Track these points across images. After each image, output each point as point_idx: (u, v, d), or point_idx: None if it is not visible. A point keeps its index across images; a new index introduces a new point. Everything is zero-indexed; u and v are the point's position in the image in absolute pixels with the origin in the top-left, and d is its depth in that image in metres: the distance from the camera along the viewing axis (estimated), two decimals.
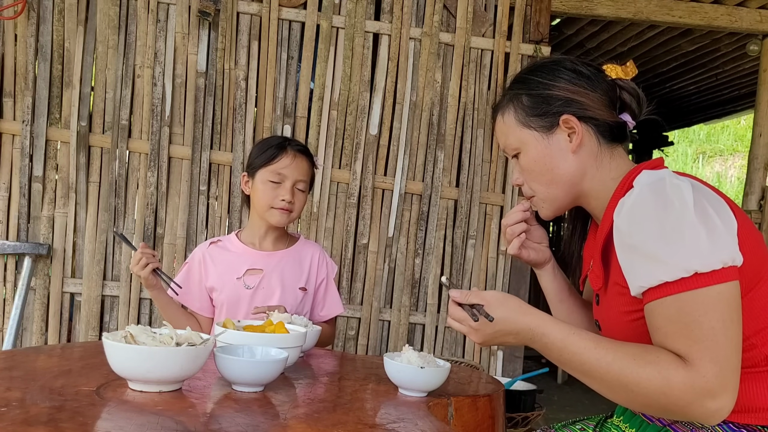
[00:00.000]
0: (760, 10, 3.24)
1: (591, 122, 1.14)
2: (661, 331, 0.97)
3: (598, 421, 1.29)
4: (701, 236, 0.94)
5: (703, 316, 0.93)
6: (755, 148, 3.38)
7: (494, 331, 1.07)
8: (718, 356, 0.92)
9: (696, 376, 0.92)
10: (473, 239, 2.94)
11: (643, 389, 0.95)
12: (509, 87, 1.23)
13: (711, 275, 0.93)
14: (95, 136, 2.73)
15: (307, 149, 1.90)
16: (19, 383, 1.04)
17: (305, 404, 1.09)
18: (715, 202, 1.00)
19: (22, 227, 2.69)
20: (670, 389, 0.93)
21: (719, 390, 0.92)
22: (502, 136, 1.23)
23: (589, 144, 1.14)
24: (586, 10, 3.12)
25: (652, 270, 0.96)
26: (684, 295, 0.94)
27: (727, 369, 0.92)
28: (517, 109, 1.18)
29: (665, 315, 0.96)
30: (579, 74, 1.15)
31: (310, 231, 2.85)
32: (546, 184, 1.17)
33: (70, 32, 2.71)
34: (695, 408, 0.93)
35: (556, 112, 1.14)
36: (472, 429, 1.21)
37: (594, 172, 1.15)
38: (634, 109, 1.18)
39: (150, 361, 1.01)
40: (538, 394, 2.25)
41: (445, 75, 2.93)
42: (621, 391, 0.98)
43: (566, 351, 1.01)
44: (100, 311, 2.74)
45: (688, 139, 12.24)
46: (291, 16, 2.85)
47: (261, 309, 1.76)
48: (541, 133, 1.16)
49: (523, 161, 1.19)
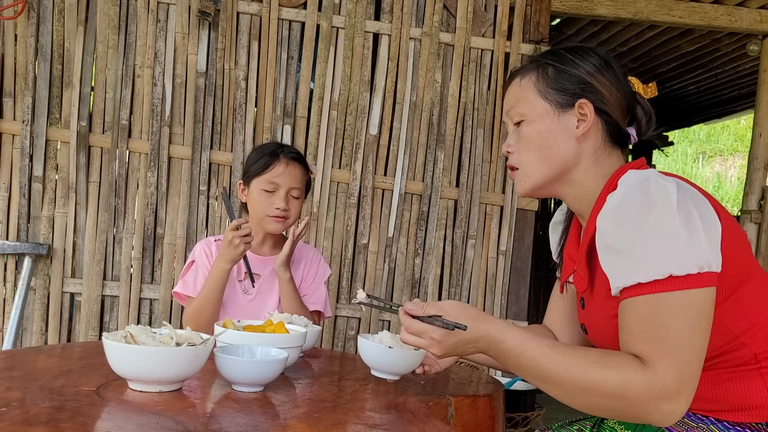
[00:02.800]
0: (760, 10, 3.24)
1: (603, 116, 1.14)
2: (629, 329, 0.98)
3: (595, 421, 1.29)
4: (681, 239, 0.94)
5: (671, 319, 0.93)
6: (755, 148, 3.38)
7: (456, 341, 1.05)
8: (679, 360, 0.93)
9: (654, 378, 0.93)
10: (473, 239, 2.94)
11: (603, 392, 0.95)
12: (540, 55, 1.21)
13: (685, 279, 0.94)
14: (95, 136, 2.73)
15: (301, 156, 1.90)
16: (19, 383, 1.04)
17: (305, 404, 1.09)
18: (700, 205, 0.99)
19: (22, 227, 2.69)
20: (628, 391, 0.94)
21: (674, 394, 0.93)
22: (513, 99, 1.20)
23: (594, 136, 1.14)
24: (586, 10, 3.12)
25: (628, 270, 0.97)
26: (656, 296, 0.95)
27: (685, 374, 0.93)
28: (540, 77, 1.16)
29: (635, 314, 0.97)
30: (610, 68, 1.15)
31: (310, 231, 2.85)
32: (540, 159, 1.15)
33: (70, 32, 2.71)
34: (650, 410, 0.94)
35: (577, 93, 1.13)
36: (472, 429, 1.21)
37: (588, 164, 1.14)
38: (641, 127, 1.18)
39: (150, 361, 1.01)
40: (538, 394, 2.25)
41: (445, 75, 2.93)
42: (579, 395, 0.98)
43: (523, 356, 1.01)
44: (100, 311, 2.74)
45: (688, 139, 12.24)
46: (291, 16, 2.85)
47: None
48: (554, 107, 1.14)
49: (526, 130, 1.17)
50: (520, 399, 2.15)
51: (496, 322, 1.05)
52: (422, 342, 1.07)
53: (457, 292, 2.95)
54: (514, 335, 1.03)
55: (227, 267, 1.72)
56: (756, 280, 1.06)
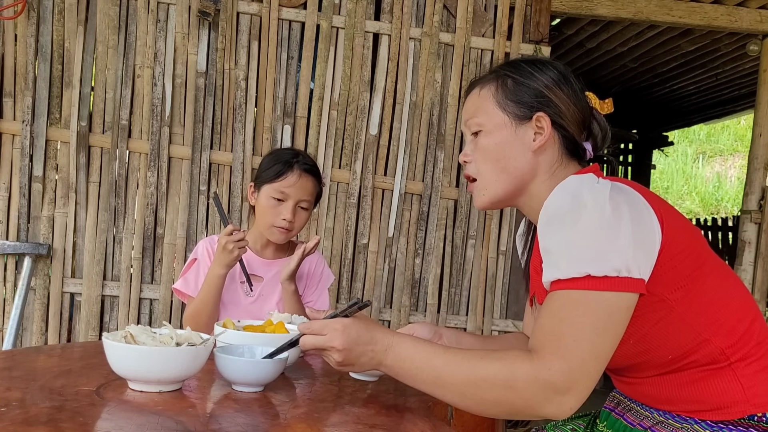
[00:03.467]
0: (760, 10, 3.24)
1: (560, 131, 1.15)
2: (539, 321, 0.98)
3: (588, 421, 1.29)
4: (603, 241, 0.94)
5: (579, 317, 0.93)
6: (755, 148, 3.38)
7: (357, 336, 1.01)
8: (572, 356, 0.92)
9: (540, 368, 0.92)
10: (473, 239, 2.94)
11: (490, 384, 0.95)
12: (499, 66, 1.23)
13: (602, 280, 0.93)
14: (95, 136, 2.73)
15: (315, 167, 1.87)
16: (19, 383, 1.04)
17: (305, 404, 1.09)
18: (636, 209, 0.99)
19: (22, 227, 2.69)
20: (515, 381, 0.93)
21: (563, 388, 0.92)
22: (472, 108, 1.22)
23: (550, 150, 1.15)
24: (586, 10, 3.12)
25: (552, 268, 0.98)
26: (570, 293, 0.95)
27: (576, 369, 0.92)
28: (499, 89, 1.17)
29: (547, 309, 0.97)
30: (568, 83, 1.16)
31: (310, 231, 2.85)
32: (497, 171, 1.16)
33: (70, 32, 2.71)
34: (539, 401, 0.93)
35: (534, 106, 1.14)
36: (472, 429, 1.21)
37: (544, 177, 1.15)
38: (597, 142, 1.19)
39: (150, 361, 1.01)
40: None
41: (445, 75, 2.93)
42: (470, 391, 0.97)
43: (417, 358, 1.00)
44: (100, 311, 2.74)
45: (688, 139, 12.25)
46: (291, 16, 2.85)
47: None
48: (512, 119, 1.15)
49: (483, 141, 1.18)
50: None
51: (389, 331, 1.05)
52: (322, 340, 1.02)
53: (457, 292, 2.95)
54: (408, 340, 1.03)
55: (222, 272, 1.72)
56: (713, 275, 1.05)
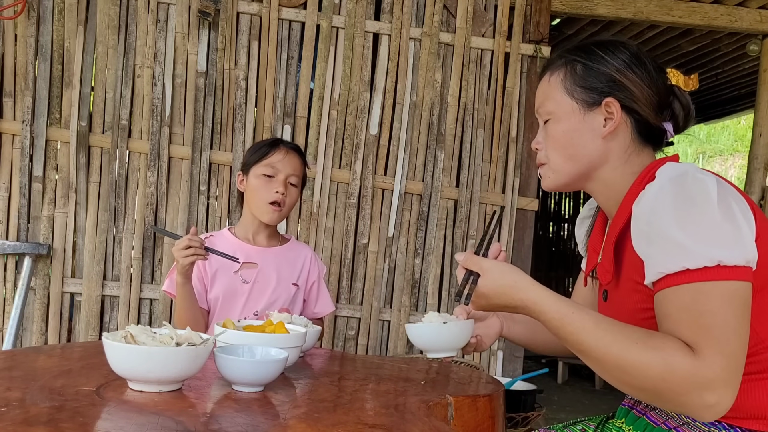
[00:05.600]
0: (760, 10, 3.24)
1: (633, 115, 1.10)
2: (672, 318, 0.94)
3: (599, 421, 1.28)
4: (726, 230, 0.92)
5: (719, 308, 0.90)
6: (755, 148, 3.38)
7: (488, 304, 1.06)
8: (728, 350, 0.89)
9: (702, 366, 0.89)
10: (473, 239, 2.94)
11: (642, 373, 0.92)
12: (569, 50, 1.17)
13: (733, 270, 0.91)
14: (95, 136, 2.73)
15: (299, 148, 1.96)
16: (19, 383, 1.03)
17: (305, 404, 1.09)
18: (739, 201, 0.97)
19: (22, 227, 2.69)
20: (671, 375, 0.90)
21: (721, 385, 0.89)
22: (542, 96, 1.18)
23: (622, 135, 1.11)
24: (586, 10, 3.12)
25: (673, 256, 0.93)
26: (703, 284, 0.91)
27: (733, 365, 0.89)
28: (568, 75, 1.13)
29: (679, 303, 0.93)
30: (640, 65, 1.11)
31: (310, 231, 2.85)
32: (565, 158, 1.13)
33: (70, 32, 2.71)
34: (692, 398, 0.90)
35: (603, 91, 1.10)
36: (472, 429, 1.21)
37: (616, 163, 1.11)
38: (679, 122, 1.15)
39: (150, 361, 1.01)
40: (538, 394, 2.25)
41: (445, 75, 2.93)
42: (617, 373, 0.95)
43: (563, 330, 0.99)
44: (100, 311, 2.74)
45: (688, 139, 12.24)
46: (291, 16, 2.85)
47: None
48: (580, 106, 1.12)
49: (552, 129, 1.15)
50: (520, 399, 2.15)
51: (536, 291, 1.02)
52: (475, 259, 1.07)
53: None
54: (556, 307, 0.99)
55: (180, 280, 1.74)
56: None
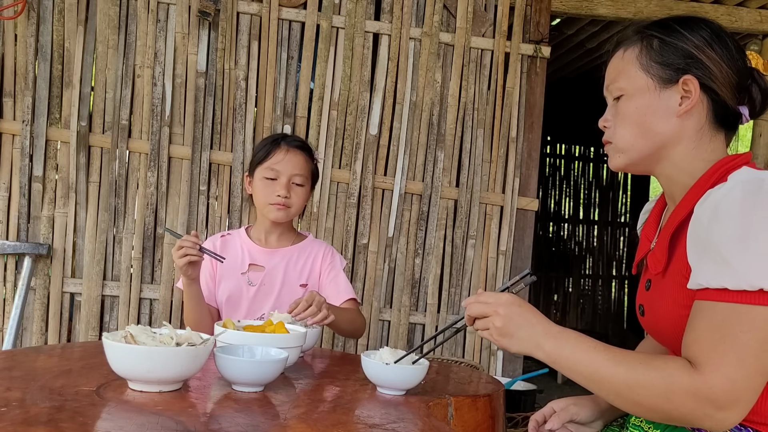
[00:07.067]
0: (760, 10, 3.24)
1: (710, 94, 1.06)
2: (696, 332, 0.94)
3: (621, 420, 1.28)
4: None
5: (744, 333, 0.89)
6: (755, 148, 3.38)
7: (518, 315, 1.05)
8: (736, 375, 0.89)
9: (701, 385, 0.90)
10: (473, 239, 2.94)
11: (647, 392, 0.94)
12: (646, 26, 1.12)
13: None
14: (95, 136, 2.73)
15: (304, 143, 1.92)
16: (19, 383, 1.04)
17: (305, 404, 1.09)
18: None
19: (22, 227, 2.69)
20: (673, 394, 0.92)
21: (726, 404, 0.90)
22: (614, 72, 1.14)
23: (697, 115, 1.07)
24: (586, 10, 3.12)
25: (717, 272, 0.92)
26: (738, 306, 0.90)
27: (741, 388, 0.89)
28: (644, 50, 1.09)
29: (708, 319, 0.93)
30: (722, 43, 1.07)
31: (310, 231, 2.85)
32: (636, 135, 1.09)
33: (70, 32, 2.71)
34: (698, 415, 0.91)
35: (682, 68, 1.06)
36: (472, 429, 1.21)
37: (689, 145, 1.07)
38: (755, 105, 1.10)
39: (150, 361, 1.01)
40: (538, 394, 2.25)
41: (445, 75, 2.93)
42: (625, 393, 0.96)
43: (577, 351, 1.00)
44: (100, 311, 2.74)
45: None
46: (291, 16, 2.85)
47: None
48: (656, 82, 1.07)
49: (624, 106, 1.10)
50: (520, 399, 2.15)
51: (535, 328, 1.04)
52: (488, 305, 1.06)
53: (457, 292, 2.95)
54: (570, 331, 1.02)
55: (184, 280, 1.73)
56: None
